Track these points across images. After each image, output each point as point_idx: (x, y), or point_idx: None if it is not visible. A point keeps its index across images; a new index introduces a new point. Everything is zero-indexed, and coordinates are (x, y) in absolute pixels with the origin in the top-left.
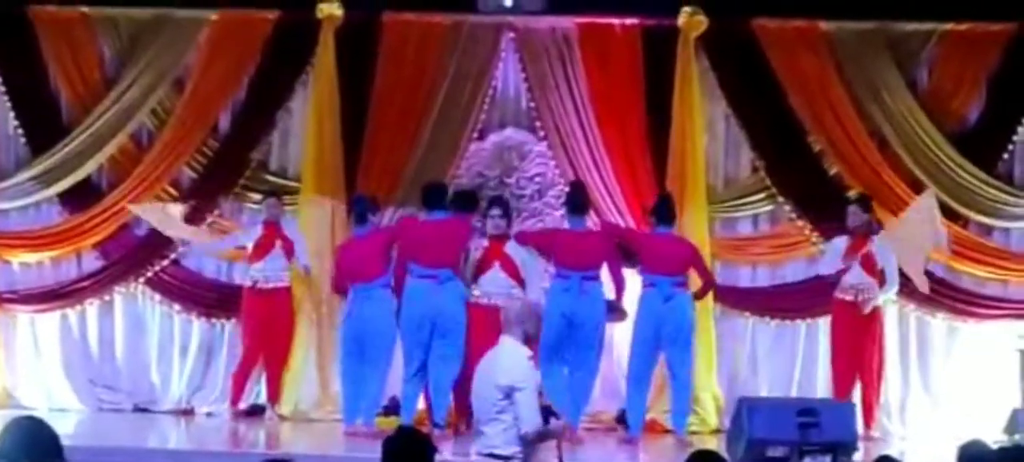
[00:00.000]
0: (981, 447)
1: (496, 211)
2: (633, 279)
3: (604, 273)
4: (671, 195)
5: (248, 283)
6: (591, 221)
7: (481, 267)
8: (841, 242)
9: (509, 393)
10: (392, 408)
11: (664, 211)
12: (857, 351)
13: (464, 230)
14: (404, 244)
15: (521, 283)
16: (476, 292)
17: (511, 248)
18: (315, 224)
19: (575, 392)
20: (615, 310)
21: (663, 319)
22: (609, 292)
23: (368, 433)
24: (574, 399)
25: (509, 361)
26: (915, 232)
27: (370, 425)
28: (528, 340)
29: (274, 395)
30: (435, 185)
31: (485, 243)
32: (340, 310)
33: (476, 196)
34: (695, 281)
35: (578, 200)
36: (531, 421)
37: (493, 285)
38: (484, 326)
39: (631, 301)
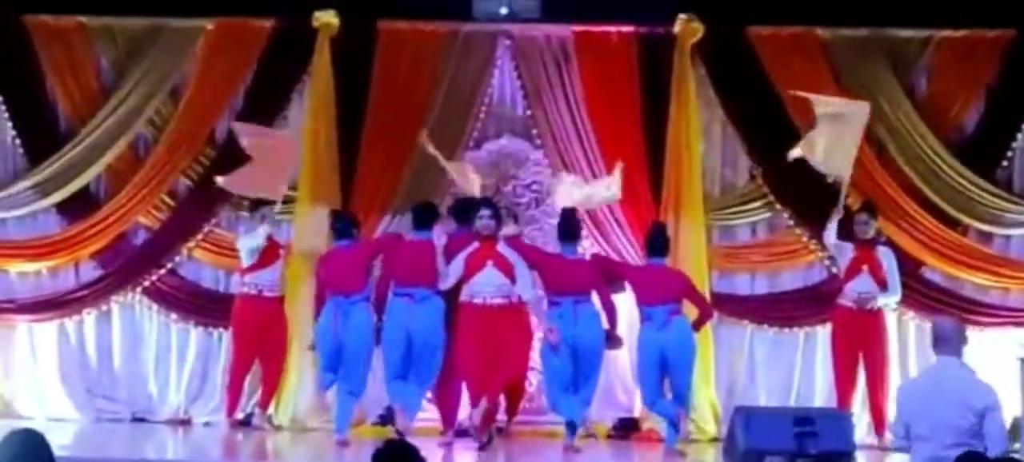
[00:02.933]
0: (978, 457)
1: (486, 212)
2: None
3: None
4: (664, 226)
5: (251, 291)
6: (582, 248)
7: (473, 267)
8: (849, 248)
9: (983, 414)
10: (387, 418)
11: (657, 242)
12: (866, 360)
13: (430, 246)
14: (387, 261)
15: (513, 280)
16: (468, 293)
17: (503, 247)
18: (311, 232)
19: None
20: (610, 338)
21: (664, 346)
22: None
23: (339, 441)
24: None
25: (973, 383)
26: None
27: (342, 434)
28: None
29: (267, 403)
30: (421, 206)
31: (476, 245)
32: None
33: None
34: (691, 312)
35: (569, 227)
36: (1000, 441)
37: (487, 284)
38: (477, 326)
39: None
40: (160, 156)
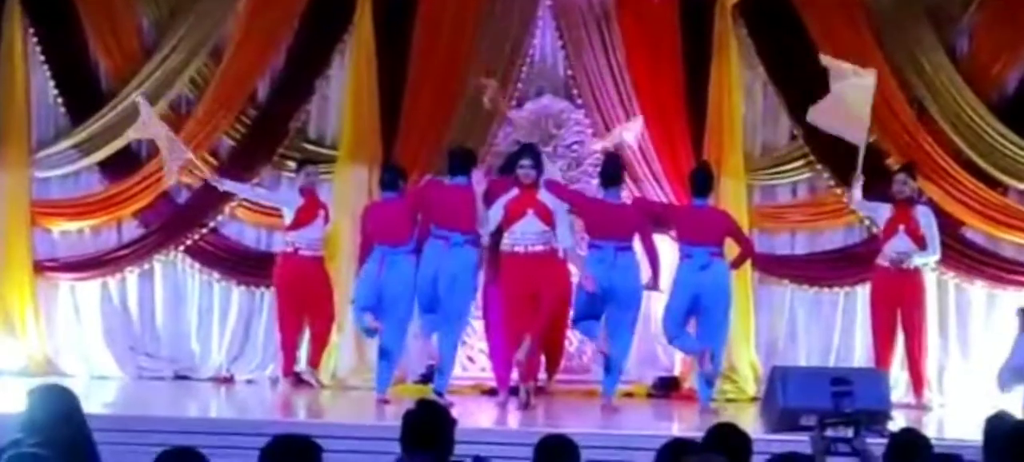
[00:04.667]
0: (1008, 419)
1: (527, 161)
2: (666, 252)
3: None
4: (708, 165)
5: (288, 249)
6: (625, 192)
7: (513, 215)
8: (885, 209)
9: None
10: (428, 377)
11: (701, 182)
12: (903, 320)
13: (470, 192)
14: (426, 207)
15: (553, 227)
16: (508, 241)
17: (543, 195)
18: (353, 192)
19: (611, 361)
20: (651, 285)
21: (699, 288)
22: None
23: (380, 399)
24: (610, 369)
25: None
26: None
27: (382, 392)
28: None
29: (316, 360)
30: (458, 151)
31: (516, 192)
32: None
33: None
34: (732, 250)
35: (612, 171)
36: None
37: (528, 232)
38: (519, 274)
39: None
40: (202, 115)
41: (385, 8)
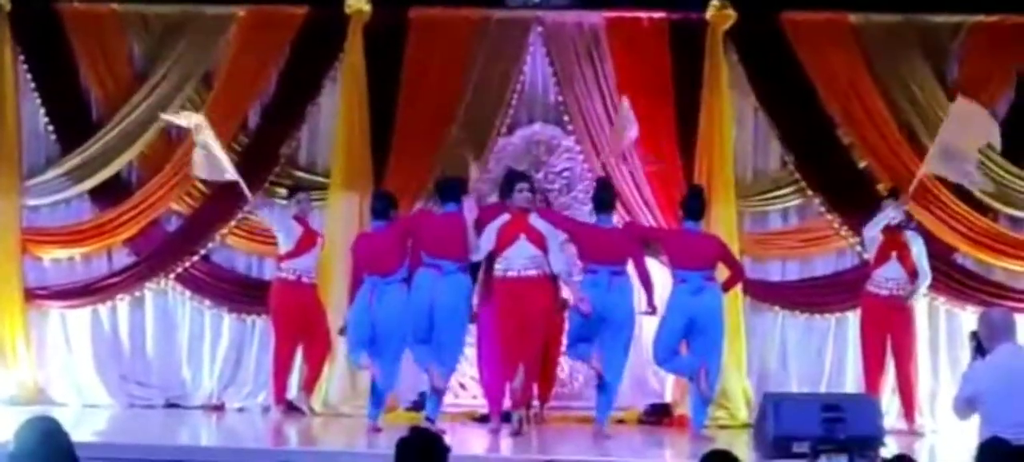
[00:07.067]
0: (1001, 444)
1: (524, 185)
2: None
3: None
4: (701, 189)
5: (289, 276)
6: (618, 217)
7: (505, 240)
8: (877, 234)
9: None
10: (420, 404)
11: (693, 206)
12: (894, 346)
13: (461, 220)
14: (417, 236)
15: (545, 252)
16: (501, 266)
17: (534, 219)
18: (343, 219)
19: (606, 384)
20: (648, 310)
21: (694, 311)
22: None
23: (371, 427)
24: (604, 389)
25: None
26: (961, 136)
27: (374, 420)
28: None
29: (311, 387)
30: (447, 179)
31: (507, 217)
32: None
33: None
34: (722, 273)
35: (605, 197)
36: None
37: (520, 257)
38: (511, 299)
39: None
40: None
41: (376, 35)
